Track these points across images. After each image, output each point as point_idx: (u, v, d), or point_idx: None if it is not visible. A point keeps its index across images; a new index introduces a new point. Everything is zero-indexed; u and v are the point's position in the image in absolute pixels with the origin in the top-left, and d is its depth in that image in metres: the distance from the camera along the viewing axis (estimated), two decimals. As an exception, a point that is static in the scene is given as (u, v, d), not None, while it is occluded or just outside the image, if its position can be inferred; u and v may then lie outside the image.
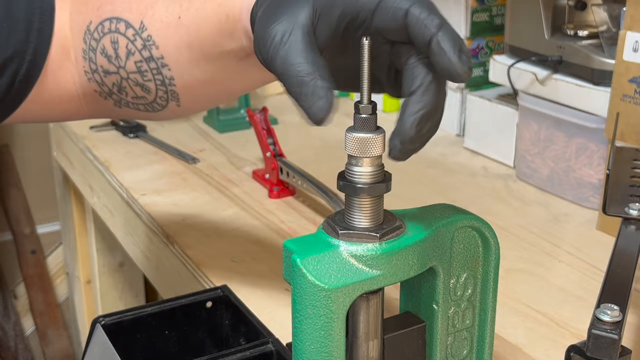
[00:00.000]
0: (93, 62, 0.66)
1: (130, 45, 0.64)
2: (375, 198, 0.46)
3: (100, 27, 0.65)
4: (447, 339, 0.53)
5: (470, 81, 1.23)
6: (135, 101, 0.67)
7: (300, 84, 0.45)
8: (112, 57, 0.65)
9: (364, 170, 0.45)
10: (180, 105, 0.67)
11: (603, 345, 0.47)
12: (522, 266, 0.86)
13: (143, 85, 0.65)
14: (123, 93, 0.67)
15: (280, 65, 0.47)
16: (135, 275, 1.64)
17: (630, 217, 0.63)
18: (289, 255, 0.45)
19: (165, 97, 0.66)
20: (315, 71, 0.46)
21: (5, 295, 1.82)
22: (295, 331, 0.45)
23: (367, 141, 0.45)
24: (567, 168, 1.01)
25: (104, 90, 0.67)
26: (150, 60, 0.64)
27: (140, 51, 0.64)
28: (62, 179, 1.63)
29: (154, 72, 0.64)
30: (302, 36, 0.47)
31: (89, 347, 0.68)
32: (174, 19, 0.62)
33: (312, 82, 0.45)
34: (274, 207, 1.01)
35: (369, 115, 0.45)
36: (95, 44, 0.65)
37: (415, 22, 0.45)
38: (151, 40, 0.63)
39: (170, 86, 0.65)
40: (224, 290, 0.72)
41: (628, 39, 0.86)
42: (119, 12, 0.65)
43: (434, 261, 0.49)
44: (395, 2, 0.46)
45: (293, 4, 0.49)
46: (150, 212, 1.00)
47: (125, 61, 0.64)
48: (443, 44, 0.44)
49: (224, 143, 1.24)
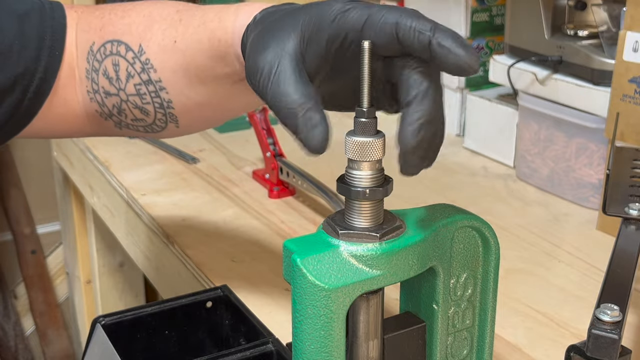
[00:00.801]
0: (95, 82, 0.67)
1: (130, 68, 0.65)
2: (375, 200, 0.46)
3: (103, 48, 0.66)
4: (447, 339, 0.53)
5: (470, 81, 1.23)
6: (135, 123, 0.68)
7: (293, 116, 0.45)
8: (113, 79, 0.65)
9: (364, 174, 0.45)
10: (179, 126, 0.68)
11: (603, 345, 0.47)
12: (522, 266, 0.86)
13: (142, 108, 0.66)
14: (123, 115, 0.67)
15: (271, 98, 0.47)
16: (135, 275, 1.64)
17: (630, 217, 0.63)
18: (289, 255, 0.45)
19: (164, 119, 0.67)
20: (307, 101, 0.45)
21: (5, 295, 1.82)
22: (295, 331, 0.45)
23: (367, 145, 0.45)
24: (567, 168, 1.01)
25: (105, 112, 0.68)
26: (148, 83, 0.64)
27: (140, 74, 0.64)
28: (62, 179, 1.63)
29: (152, 95, 0.65)
30: (291, 66, 0.47)
31: (89, 347, 0.68)
32: (170, 42, 0.63)
33: (305, 114, 0.45)
34: (274, 207, 1.01)
35: (369, 119, 0.45)
36: (97, 65, 0.66)
37: (408, 31, 0.44)
38: (149, 63, 0.64)
39: (169, 109, 0.66)
40: (224, 290, 0.72)
41: (628, 39, 0.86)
42: (119, 34, 0.65)
43: (434, 261, 0.49)
44: (382, 18, 0.46)
45: (280, 32, 0.49)
46: (150, 212, 1.00)
47: (126, 83, 0.65)
48: (444, 42, 0.44)
49: (224, 143, 1.24)
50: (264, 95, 0.48)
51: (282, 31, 0.49)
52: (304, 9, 0.50)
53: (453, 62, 0.44)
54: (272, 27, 0.51)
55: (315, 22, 0.48)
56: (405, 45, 0.45)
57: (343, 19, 0.47)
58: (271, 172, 1.04)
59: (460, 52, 0.43)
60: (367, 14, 0.46)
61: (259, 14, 0.56)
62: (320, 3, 0.49)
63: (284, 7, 0.55)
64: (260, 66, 0.48)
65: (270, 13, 0.55)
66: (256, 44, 0.50)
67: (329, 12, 0.48)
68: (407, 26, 0.45)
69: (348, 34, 0.47)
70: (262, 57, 0.48)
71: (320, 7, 0.49)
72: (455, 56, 0.44)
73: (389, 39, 0.45)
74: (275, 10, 0.55)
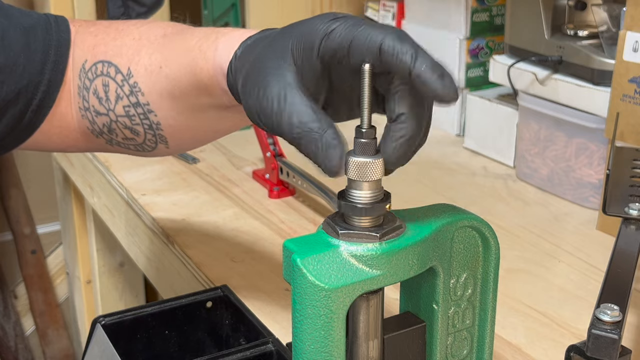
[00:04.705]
0: (86, 100, 0.67)
1: (119, 90, 0.65)
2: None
3: (94, 67, 0.66)
4: (447, 339, 0.53)
5: (470, 81, 1.23)
6: (126, 142, 0.68)
7: (315, 141, 0.46)
8: (102, 99, 0.66)
9: (364, 193, 0.46)
10: (169, 147, 0.68)
11: (603, 345, 0.47)
12: (522, 266, 0.86)
13: (132, 128, 0.66)
14: (113, 134, 0.68)
15: (289, 130, 0.47)
16: (135, 275, 1.64)
17: (630, 217, 0.63)
18: (289, 255, 0.45)
19: (154, 139, 0.67)
20: (323, 125, 0.46)
21: (5, 295, 1.82)
22: (295, 331, 0.45)
23: (366, 166, 0.45)
24: (567, 168, 1.01)
25: (95, 129, 0.68)
26: (137, 105, 0.64)
27: (128, 96, 0.64)
28: (62, 179, 1.63)
29: (141, 117, 0.65)
30: (297, 94, 0.47)
31: (89, 347, 0.68)
32: (156, 67, 0.63)
33: (324, 137, 0.46)
34: (274, 207, 1.01)
35: (368, 139, 0.45)
36: (89, 84, 0.66)
37: (391, 55, 0.45)
38: (137, 86, 0.64)
39: (158, 130, 0.66)
40: (224, 290, 0.72)
41: (628, 39, 0.86)
42: (110, 55, 0.66)
43: (434, 261, 0.49)
44: (367, 38, 0.46)
45: (274, 65, 0.49)
46: (151, 212, 1.00)
47: (115, 105, 0.65)
48: (423, 74, 0.44)
49: (224, 143, 1.24)
50: (279, 129, 0.47)
51: (275, 63, 0.49)
52: (287, 34, 0.50)
53: (431, 94, 0.44)
54: (262, 63, 0.50)
55: (304, 48, 0.48)
56: (387, 66, 0.45)
57: (329, 41, 0.47)
58: (271, 172, 1.04)
59: (437, 85, 0.44)
60: (352, 35, 0.46)
61: (239, 50, 0.55)
62: (303, 23, 0.49)
63: (262, 35, 0.55)
64: (269, 103, 0.48)
65: (250, 47, 0.54)
66: (252, 85, 0.50)
67: (315, 35, 0.48)
68: (390, 49, 0.45)
69: (337, 52, 0.47)
70: (265, 95, 0.48)
71: (305, 29, 0.49)
72: (433, 90, 0.44)
73: (374, 59, 0.46)
74: (255, 42, 0.54)
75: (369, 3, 1.43)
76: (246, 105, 0.51)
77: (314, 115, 0.46)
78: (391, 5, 1.36)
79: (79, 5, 1.39)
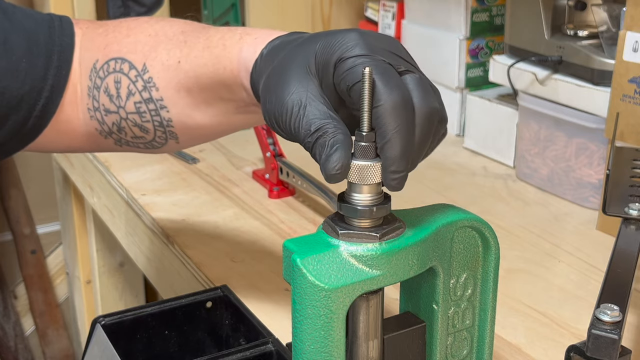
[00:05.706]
0: (96, 100, 0.67)
1: (131, 85, 0.65)
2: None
3: (106, 65, 0.66)
4: (447, 339, 0.53)
5: (470, 81, 1.23)
6: (135, 140, 0.68)
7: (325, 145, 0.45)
8: (113, 96, 0.66)
9: (364, 197, 0.46)
10: (179, 142, 0.68)
11: (603, 345, 0.47)
12: (522, 266, 0.86)
13: (141, 126, 0.66)
14: (122, 133, 0.68)
15: (305, 134, 0.47)
16: (135, 275, 1.64)
17: (630, 217, 0.63)
18: (289, 255, 0.45)
19: (164, 136, 0.67)
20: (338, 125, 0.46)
21: (5, 295, 1.82)
22: (295, 331, 0.45)
23: (366, 169, 0.45)
24: (567, 168, 1.01)
25: (104, 130, 0.68)
26: (149, 101, 0.64)
27: (141, 92, 0.65)
28: (62, 179, 1.63)
29: (152, 114, 0.65)
30: (319, 100, 0.47)
31: (89, 347, 0.68)
32: (174, 62, 0.63)
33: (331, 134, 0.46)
34: (274, 207, 1.01)
35: (369, 143, 0.45)
36: (99, 82, 0.66)
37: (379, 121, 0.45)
38: (152, 82, 0.64)
39: (169, 127, 0.66)
40: (224, 290, 0.72)
41: (628, 39, 0.86)
42: (124, 52, 0.66)
43: (434, 261, 0.49)
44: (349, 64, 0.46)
45: (298, 71, 0.49)
46: (150, 212, 1.00)
47: (126, 101, 0.65)
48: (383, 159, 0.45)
49: (224, 143, 1.24)
50: (296, 133, 0.47)
51: (299, 70, 0.49)
52: (313, 42, 0.50)
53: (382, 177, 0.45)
54: (286, 66, 0.50)
55: (324, 61, 0.48)
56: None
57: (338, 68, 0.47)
58: (271, 172, 1.04)
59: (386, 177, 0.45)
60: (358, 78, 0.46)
61: (265, 49, 0.56)
62: (329, 35, 0.49)
63: (290, 38, 0.55)
64: (286, 110, 0.48)
65: (277, 47, 0.54)
66: (274, 87, 0.50)
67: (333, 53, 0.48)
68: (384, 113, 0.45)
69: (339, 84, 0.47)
70: (286, 98, 0.48)
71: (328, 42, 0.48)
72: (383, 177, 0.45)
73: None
74: (282, 44, 0.54)
75: (369, 3, 1.43)
76: (264, 107, 0.51)
77: (332, 123, 0.46)
78: (391, 5, 1.36)
79: (79, 5, 1.39)
